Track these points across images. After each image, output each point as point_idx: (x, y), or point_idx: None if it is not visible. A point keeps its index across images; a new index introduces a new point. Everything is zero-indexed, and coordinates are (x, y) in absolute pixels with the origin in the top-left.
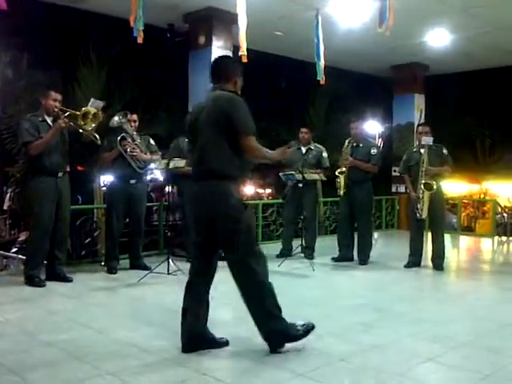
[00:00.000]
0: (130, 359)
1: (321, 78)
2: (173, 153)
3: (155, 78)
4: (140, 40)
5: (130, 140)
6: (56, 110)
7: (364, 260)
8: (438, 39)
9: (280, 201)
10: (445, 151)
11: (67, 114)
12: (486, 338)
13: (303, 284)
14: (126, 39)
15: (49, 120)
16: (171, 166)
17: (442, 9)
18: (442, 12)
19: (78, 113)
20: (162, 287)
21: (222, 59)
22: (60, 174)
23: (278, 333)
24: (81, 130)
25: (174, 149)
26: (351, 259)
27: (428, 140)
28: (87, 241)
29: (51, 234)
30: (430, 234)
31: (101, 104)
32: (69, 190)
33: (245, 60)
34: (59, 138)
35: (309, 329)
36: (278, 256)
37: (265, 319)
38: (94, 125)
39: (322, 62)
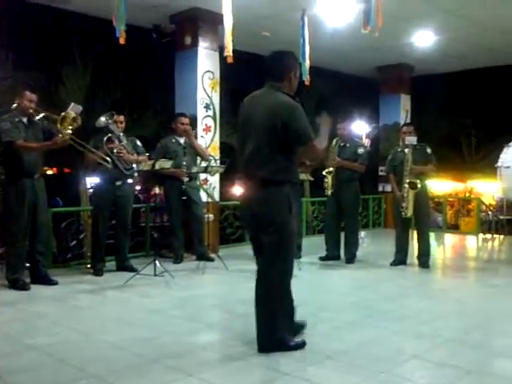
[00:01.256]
0: (116, 362)
1: (305, 78)
2: (159, 153)
3: (141, 79)
4: (122, 41)
5: (116, 141)
6: (31, 110)
7: (351, 259)
8: (423, 40)
9: None
10: (428, 150)
11: (42, 115)
12: (471, 334)
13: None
14: (112, 40)
15: (24, 120)
16: (157, 166)
17: (427, 10)
18: (427, 13)
19: (56, 117)
20: (149, 289)
21: (275, 55)
22: (36, 176)
23: (275, 341)
24: (60, 135)
25: (160, 149)
26: (338, 258)
27: (412, 139)
28: (73, 243)
29: (30, 237)
30: (415, 233)
31: (80, 108)
32: (45, 192)
33: (230, 61)
34: (34, 138)
35: (299, 344)
36: None
37: (271, 329)
38: (70, 127)
39: (307, 63)
